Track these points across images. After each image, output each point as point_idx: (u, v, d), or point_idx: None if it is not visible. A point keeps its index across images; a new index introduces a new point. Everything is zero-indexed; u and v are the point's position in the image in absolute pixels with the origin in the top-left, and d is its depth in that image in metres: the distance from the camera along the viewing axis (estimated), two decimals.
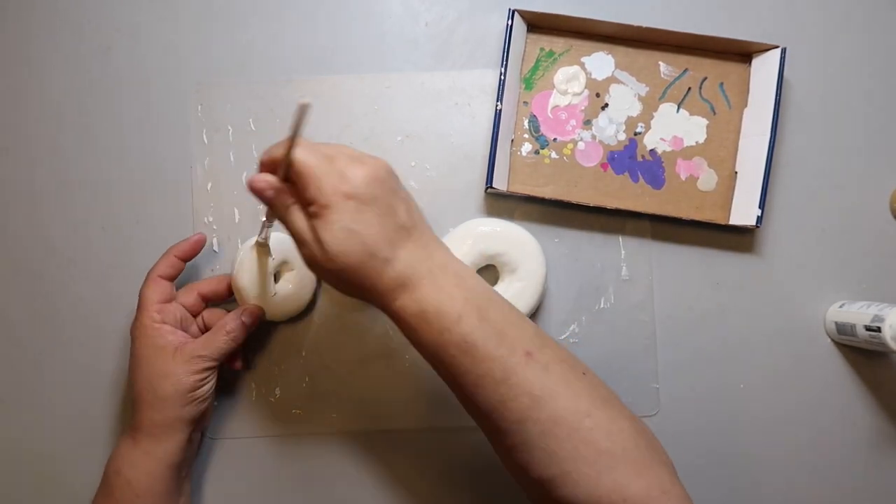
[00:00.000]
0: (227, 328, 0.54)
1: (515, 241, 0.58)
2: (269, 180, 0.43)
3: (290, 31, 0.63)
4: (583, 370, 0.45)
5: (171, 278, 0.56)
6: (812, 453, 0.60)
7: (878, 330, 0.54)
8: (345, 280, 0.43)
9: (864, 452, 0.60)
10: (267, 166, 0.43)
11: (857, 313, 0.57)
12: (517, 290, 0.57)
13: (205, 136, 0.62)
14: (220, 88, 0.62)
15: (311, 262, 0.43)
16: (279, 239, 0.57)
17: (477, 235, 0.57)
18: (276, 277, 0.58)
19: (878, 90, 0.62)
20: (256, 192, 0.43)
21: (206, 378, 0.53)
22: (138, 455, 0.52)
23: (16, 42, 0.63)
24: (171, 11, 0.63)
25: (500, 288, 0.58)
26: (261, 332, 0.60)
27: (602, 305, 0.61)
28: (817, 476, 0.60)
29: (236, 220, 0.61)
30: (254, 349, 0.61)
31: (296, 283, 0.58)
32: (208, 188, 0.62)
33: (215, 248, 0.61)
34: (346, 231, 0.41)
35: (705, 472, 0.60)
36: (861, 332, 0.56)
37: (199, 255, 0.58)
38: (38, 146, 0.62)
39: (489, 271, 0.60)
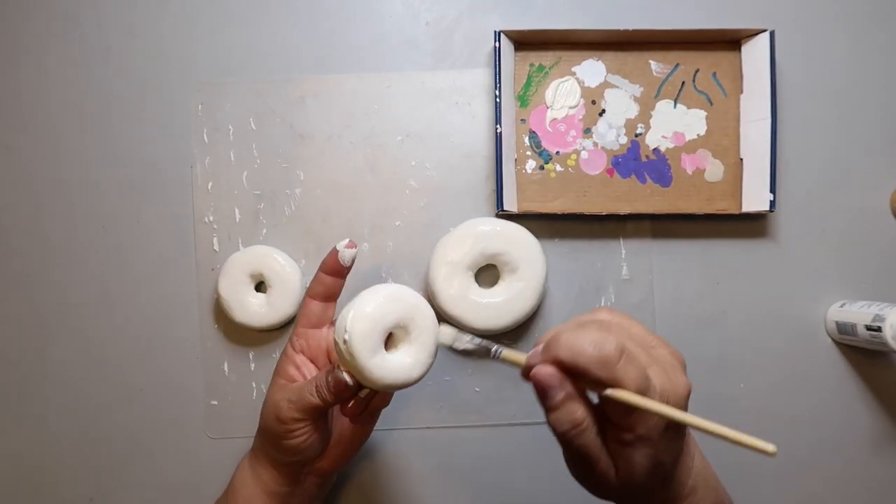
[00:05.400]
0: (316, 383, 0.46)
1: (516, 240, 0.57)
2: (559, 380, 0.35)
3: (290, 30, 0.63)
4: None
5: (324, 297, 0.50)
6: (812, 453, 0.60)
7: (879, 329, 0.54)
8: (618, 498, 0.38)
9: (864, 452, 0.60)
10: (553, 366, 0.35)
11: (858, 313, 0.57)
12: (517, 289, 0.57)
13: (205, 136, 0.62)
14: (220, 87, 0.62)
15: (593, 482, 0.37)
16: (394, 295, 0.46)
17: (477, 235, 0.57)
18: (388, 345, 0.46)
19: (878, 85, 0.62)
20: (539, 386, 0.35)
21: (292, 430, 0.47)
22: (248, 474, 0.51)
23: (16, 41, 0.63)
24: (172, 11, 0.63)
25: (501, 288, 0.58)
26: (261, 338, 0.60)
27: (602, 305, 0.61)
28: (817, 475, 0.60)
29: (237, 220, 0.61)
30: (256, 352, 0.61)
31: (414, 356, 0.46)
32: (208, 188, 0.62)
33: (215, 247, 0.61)
34: (655, 464, 0.36)
35: None
36: (862, 331, 0.56)
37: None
38: (39, 145, 0.62)
39: (489, 271, 0.60)
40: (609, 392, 0.34)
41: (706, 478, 0.41)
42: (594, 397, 0.37)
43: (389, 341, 0.46)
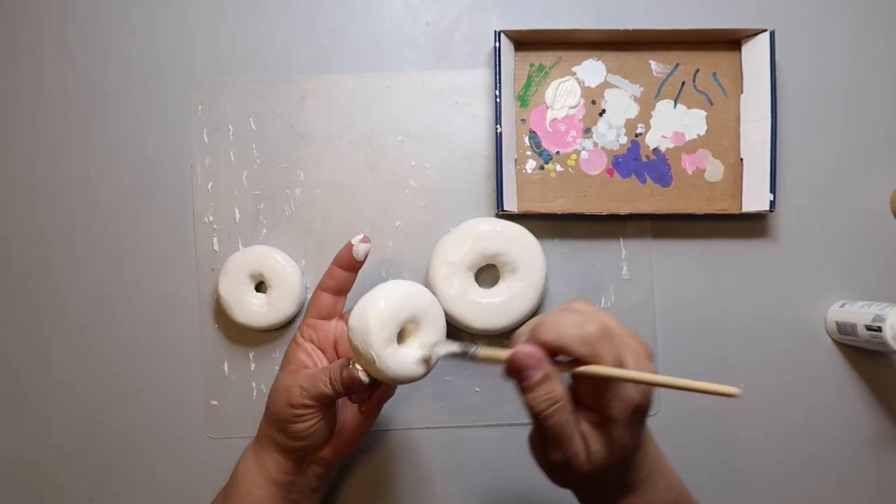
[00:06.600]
0: (330, 374, 0.47)
1: (516, 240, 0.57)
2: (540, 359, 0.37)
3: (290, 30, 0.63)
4: None
5: (335, 291, 0.51)
6: (812, 453, 0.60)
7: (879, 329, 0.54)
8: (581, 482, 0.40)
9: (864, 452, 0.60)
10: (537, 347, 0.37)
11: (858, 313, 0.57)
12: (517, 289, 0.57)
13: (205, 136, 0.62)
14: (220, 87, 0.62)
15: (560, 465, 0.38)
16: (410, 292, 0.47)
17: (477, 235, 0.57)
18: (399, 339, 0.47)
19: (878, 85, 0.62)
20: (519, 367, 0.37)
21: (301, 415, 0.48)
22: (252, 463, 0.51)
23: (16, 41, 0.63)
24: (172, 11, 0.63)
25: (501, 288, 0.58)
26: (261, 338, 0.60)
27: (603, 305, 0.61)
28: (817, 476, 0.60)
29: (237, 220, 0.61)
30: (256, 352, 0.61)
31: (421, 352, 0.47)
32: (208, 188, 0.62)
33: (215, 247, 0.61)
34: (621, 447, 0.38)
35: (705, 471, 0.60)
36: (862, 331, 0.56)
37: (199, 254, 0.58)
38: (39, 145, 0.62)
39: (489, 271, 0.60)
40: (585, 368, 0.36)
41: (659, 465, 0.43)
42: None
43: (400, 336, 0.47)
